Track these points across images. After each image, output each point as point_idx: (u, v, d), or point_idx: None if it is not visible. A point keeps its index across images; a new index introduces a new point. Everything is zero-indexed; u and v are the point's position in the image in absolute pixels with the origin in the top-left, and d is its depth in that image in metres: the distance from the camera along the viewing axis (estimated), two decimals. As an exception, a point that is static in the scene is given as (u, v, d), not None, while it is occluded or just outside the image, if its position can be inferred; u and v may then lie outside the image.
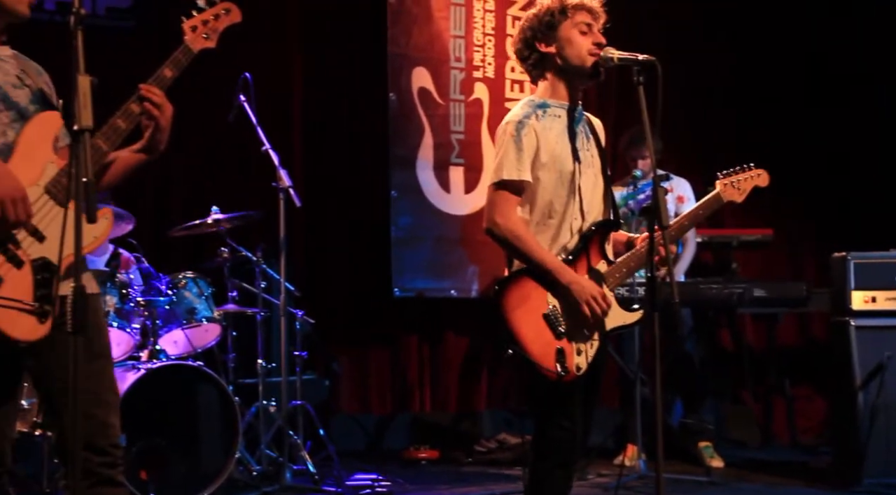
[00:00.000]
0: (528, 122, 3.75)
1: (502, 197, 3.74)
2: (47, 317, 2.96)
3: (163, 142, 3.28)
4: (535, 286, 3.69)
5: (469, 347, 7.81)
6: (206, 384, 5.58)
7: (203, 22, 3.43)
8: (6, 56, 3.20)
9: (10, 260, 2.94)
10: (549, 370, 3.59)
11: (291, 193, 5.83)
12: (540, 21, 3.83)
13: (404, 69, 7.43)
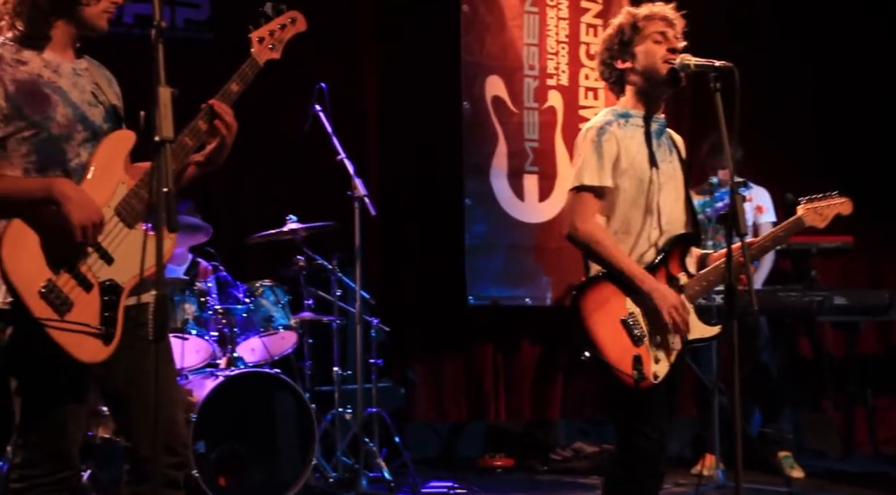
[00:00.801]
0: (610, 129, 3.74)
1: (582, 201, 3.73)
2: (111, 340, 3.03)
3: (223, 158, 3.33)
4: (615, 291, 3.67)
5: (544, 355, 7.77)
6: (283, 391, 5.63)
7: (270, 33, 3.48)
8: (81, 69, 3.24)
9: (80, 283, 3.00)
10: (626, 374, 3.57)
11: (366, 202, 5.87)
12: (614, 41, 3.84)
13: (478, 77, 7.43)
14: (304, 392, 5.74)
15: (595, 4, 7.68)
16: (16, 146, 3.05)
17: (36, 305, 2.92)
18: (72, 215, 2.95)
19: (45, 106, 3.07)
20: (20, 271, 2.92)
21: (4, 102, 3.04)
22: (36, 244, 2.96)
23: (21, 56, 3.11)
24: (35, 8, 3.11)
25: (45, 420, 3.07)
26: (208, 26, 7.07)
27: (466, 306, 7.41)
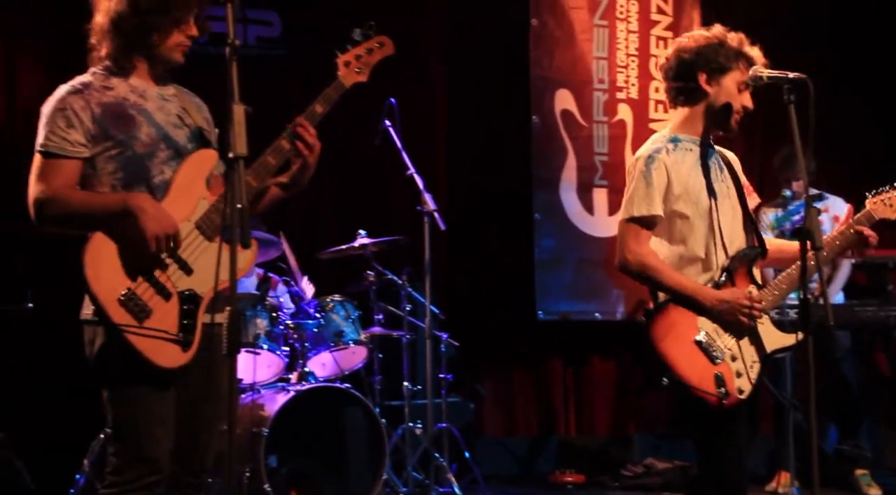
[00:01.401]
0: (658, 157, 3.71)
1: (632, 232, 3.73)
2: (190, 346, 3.16)
3: (306, 179, 3.44)
4: (683, 313, 3.65)
5: (615, 370, 7.72)
6: (353, 406, 5.65)
7: (356, 57, 3.57)
8: (169, 95, 3.40)
9: (159, 292, 3.15)
10: (710, 394, 3.53)
11: (436, 217, 5.88)
12: (713, 52, 3.73)
13: (547, 91, 7.42)
14: (374, 407, 5.76)
15: (665, 17, 7.65)
16: (103, 164, 3.23)
17: (115, 312, 3.07)
18: (147, 227, 3.09)
19: (129, 126, 3.25)
20: (101, 280, 3.09)
21: (92, 124, 3.21)
22: (116, 255, 3.12)
23: (109, 83, 3.30)
24: (115, 43, 3.29)
25: (134, 426, 3.18)
26: (280, 43, 7.14)
27: (536, 321, 7.39)
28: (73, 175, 3.21)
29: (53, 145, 3.19)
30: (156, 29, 3.27)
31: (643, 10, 7.63)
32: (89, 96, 3.24)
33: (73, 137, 3.20)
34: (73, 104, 3.22)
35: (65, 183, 3.19)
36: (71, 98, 3.23)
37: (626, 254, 3.72)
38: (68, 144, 3.19)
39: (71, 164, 3.20)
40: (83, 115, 3.21)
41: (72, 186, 3.21)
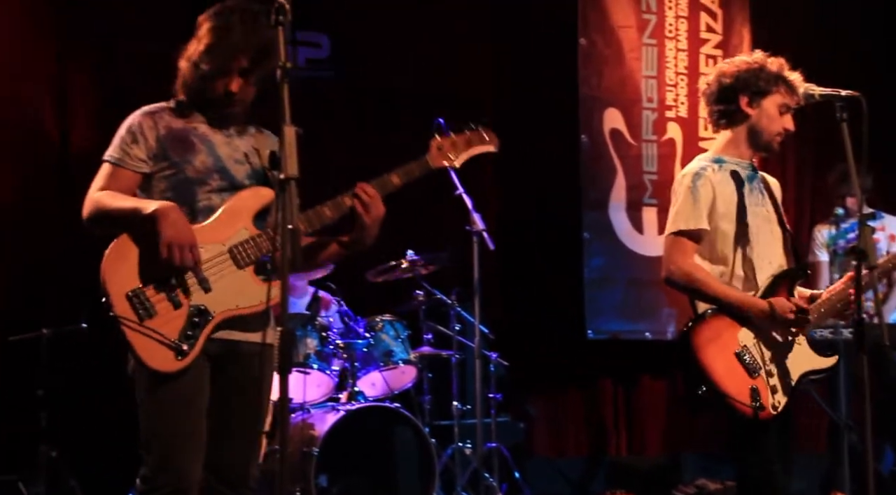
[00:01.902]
0: (705, 174, 3.78)
1: (678, 245, 3.78)
2: (185, 356, 3.20)
3: (368, 240, 3.48)
4: (726, 325, 3.70)
5: (665, 390, 7.67)
6: (403, 425, 5.66)
7: (452, 144, 3.68)
8: (246, 134, 3.51)
9: (170, 299, 3.23)
10: (745, 405, 3.55)
11: (485, 236, 5.87)
12: (753, 76, 3.81)
13: (596, 110, 7.41)
14: (423, 426, 5.76)
15: (715, 35, 7.62)
16: (157, 182, 3.38)
17: (119, 304, 3.18)
18: (163, 232, 3.17)
19: (187, 151, 3.38)
20: (115, 276, 3.20)
21: (154, 144, 3.37)
22: (136, 257, 3.23)
23: (185, 112, 3.46)
24: (196, 80, 3.40)
25: (159, 437, 3.25)
26: (328, 64, 7.19)
27: (586, 340, 7.36)
28: (127, 184, 3.36)
29: (116, 156, 3.37)
30: (219, 78, 3.36)
31: (692, 28, 7.61)
32: (159, 118, 3.41)
33: (134, 152, 3.36)
34: (143, 123, 3.39)
35: (118, 189, 3.34)
36: (142, 117, 3.41)
37: (672, 266, 3.77)
38: (128, 157, 3.36)
39: (127, 174, 3.36)
40: (149, 133, 3.37)
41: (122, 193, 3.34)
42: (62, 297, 6.14)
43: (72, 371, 6.10)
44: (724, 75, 3.90)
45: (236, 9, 3.38)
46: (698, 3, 7.64)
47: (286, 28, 2.84)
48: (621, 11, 7.46)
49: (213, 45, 3.34)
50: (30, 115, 6.44)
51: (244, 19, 3.33)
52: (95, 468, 6.08)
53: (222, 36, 3.34)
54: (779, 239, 3.87)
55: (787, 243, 3.89)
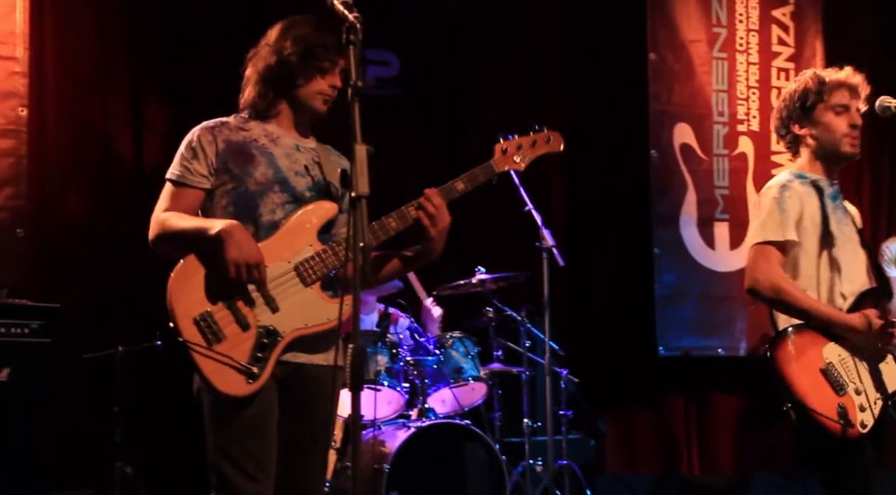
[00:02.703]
0: (792, 186, 3.74)
1: (764, 254, 3.72)
2: (256, 379, 3.16)
3: (434, 251, 3.44)
4: (809, 341, 3.63)
5: (739, 407, 7.57)
6: (473, 442, 5.64)
7: (517, 147, 3.61)
8: (306, 147, 3.48)
9: (237, 321, 3.19)
10: (834, 420, 3.47)
11: (555, 253, 5.85)
12: (795, 103, 3.85)
13: (666, 125, 7.37)
14: (494, 443, 5.74)
15: (787, 48, 7.55)
16: (219, 198, 3.36)
17: (187, 329, 3.14)
18: (228, 252, 3.14)
19: (247, 163, 3.35)
20: (182, 300, 3.17)
21: (215, 158, 3.36)
22: (202, 278, 3.20)
23: (246, 125, 3.44)
24: (259, 89, 3.43)
25: (226, 461, 3.22)
26: (398, 83, 7.23)
27: (657, 356, 7.30)
28: (192, 203, 3.34)
29: (177, 174, 3.35)
30: (298, 74, 3.38)
31: (764, 41, 7.54)
32: (218, 133, 3.39)
33: (196, 168, 3.34)
34: (202, 138, 3.37)
35: (182, 209, 3.32)
36: (201, 132, 3.39)
37: (758, 274, 3.70)
38: (189, 174, 3.33)
39: (191, 193, 3.34)
40: (208, 148, 3.35)
41: (186, 212, 3.32)
42: (137, 315, 6.22)
43: (146, 387, 6.19)
44: (777, 111, 3.94)
45: (312, 23, 3.40)
46: (770, 16, 7.57)
47: (357, 47, 2.86)
48: (691, 26, 7.42)
49: (292, 56, 3.35)
50: (103, 135, 6.54)
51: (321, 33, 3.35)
52: (169, 484, 6.15)
53: (303, 49, 3.35)
54: (862, 260, 3.82)
55: (870, 265, 3.85)
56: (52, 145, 6.33)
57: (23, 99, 5.98)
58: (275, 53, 3.39)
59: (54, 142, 6.35)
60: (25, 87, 5.99)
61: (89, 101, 6.51)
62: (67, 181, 6.41)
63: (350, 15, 2.86)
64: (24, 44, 5.99)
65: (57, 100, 6.37)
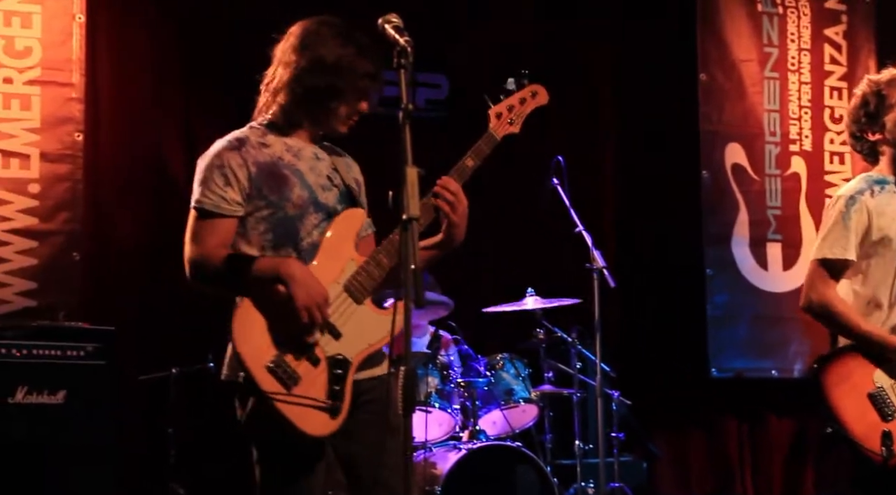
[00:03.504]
0: (861, 198, 3.64)
1: (821, 274, 3.66)
2: (339, 413, 3.07)
3: (457, 237, 3.31)
4: (861, 363, 3.57)
5: (793, 429, 7.49)
6: (524, 464, 5.62)
7: (508, 108, 3.50)
8: (323, 155, 3.38)
9: (307, 358, 3.09)
10: (873, 452, 3.42)
11: (605, 274, 5.83)
12: (859, 112, 3.78)
13: (717, 145, 7.34)
14: (545, 465, 5.72)
15: (839, 67, 7.49)
16: (255, 224, 3.22)
17: (263, 379, 3.02)
18: (297, 296, 3.03)
19: (282, 186, 3.22)
20: (249, 346, 3.04)
21: (247, 183, 3.20)
22: (265, 321, 3.07)
23: (265, 140, 3.30)
24: (294, 99, 3.30)
25: (283, 489, 3.17)
26: (447, 105, 7.25)
27: (709, 378, 7.25)
28: (228, 234, 3.19)
29: (210, 203, 3.18)
30: (338, 95, 3.27)
31: (816, 60, 7.49)
32: (246, 154, 3.23)
33: (230, 196, 3.18)
34: (231, 161, 3.21)
35: (220, 242, 3.17)
36: (229, 154, 3.22)
37: (812, 295, 3.66)
38: (225, 203, 3.18)
39: (226, 223, 3.18)
40: (240, 173, 3.20)
41: (225, 246, 3.18)
42: (190, 336, 6.28)
43: (200, 409, 6.23)
44: (847, 127, 3.89)
45: (353, 42, 3.29)
46: (822, 35, 7.52)
47: (408, 70, 2.87)
48: (742, 45, 7.39)
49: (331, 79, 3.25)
50: (157, 159, 6.61)
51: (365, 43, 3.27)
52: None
53: (346, 73, 3.25)
54: None
55: None
56: (106, 169, 6.42)
57: (79, 124, 6.06)
58: (315, 62, 3.26)
59: (109, 167, 6.43)
60: (81, 113, 6.07)
61: (144, 126, 6.60)
62: (122, 205, 6.49)
63: (401, 39, 2.87)
64: (81, 70, 6.08)
65: (112, 125, 6.46)
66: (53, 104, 6.00)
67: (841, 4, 7.58)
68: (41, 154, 5.96)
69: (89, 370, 5.25)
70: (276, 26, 3.21)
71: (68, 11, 6.06)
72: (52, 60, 6.02)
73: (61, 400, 5.15)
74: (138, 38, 6.59)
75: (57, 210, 5.97)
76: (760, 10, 7.44)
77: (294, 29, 3.38)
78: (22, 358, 5.15)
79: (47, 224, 5.94)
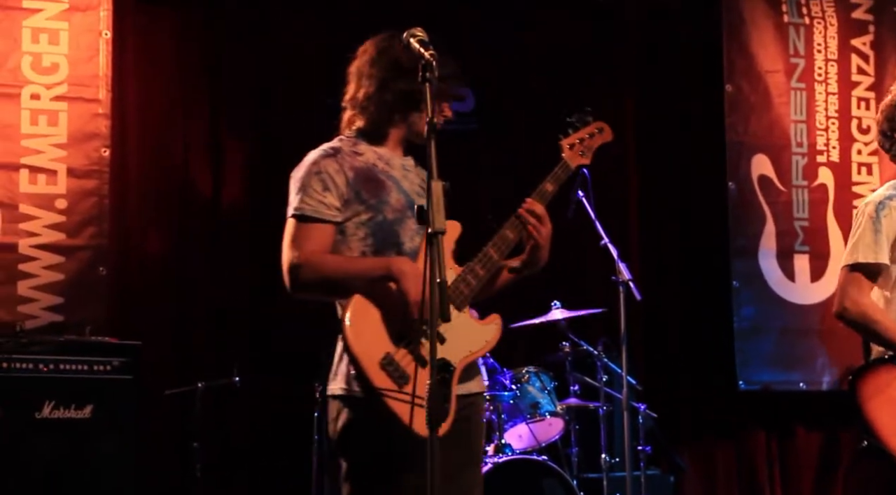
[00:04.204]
0: (891, 203, 3.62)
1: (854, 280, 3.62)
2: (446, 416, 3.04)
3: (542, 259, 3.40)
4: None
5: (822, 443, 7.43)
6: (551, 478, 5.61)
7: (580, 140, 3.59)
8: (409, 165, 3.43)
9: (415, 359, 3.09)
10: None
11: (632, 287, 5.81)
12: (895, 111, 3.71)
13: (743, 156, 7.30)
14: (571, 479, 5.70)
15: (867, 77, 7.44)
16: (354, 230, 3.23)
17: (376, 376, 3.02)
18: (410, 291, 3.04)
19: (380, 191, 3.25)
20: (362, 344, 3.04)
21: (345, 188, 3.22)
22: (376, 319, 3.08)
23: (357, 148, 3.33)
24: (382, 107, 3.33)
25: None
26: (474, 117, 7.25)
27: (736, 391, 7.20)
28: (327, 240, 3.19)
29: (310, 209, 3.18)
30: (421, 102, 3.20)
31: (843, 71, 7.44)
32: (342, 160, 3.25)
33: (329, 201, 3.19)
34: (328, 167, 3.22)
35: (319, 247, 3.17)
36: (325, 161, 3.24)
37: (846, 302, 3.62)
38: (324, 208, 3.18)
39: (326, 229, 3.19)
40: (338, 178, 3.21)
41: (325, 251, 3.18)
42: (216, 350, 6.30)
43: (226, 424, 6.25)
44: (879, 123, 3.83)
45: None
46: (849, 45, 7.48)
47: (433, 84, 2.87)
48: (768, 56, 7.35)
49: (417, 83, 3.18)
50: (183, 175, 6.66)
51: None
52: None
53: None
54: None
55: None
56: (133, 185, 6.46)
57: (105, 140, 6.09)
58: (393, 79, 3.29)
59: (135, 182, 6.47)
60: (108, 129, 6.10)
61: (170, 142, 6.64)
62: (148, 220, 6.52)
63: (426, 53, 2.88)
64: (107, 86, 6.11)
65: (138, 140, 6.50)
66: (80, 120, 6.04)
67: (868, 14, 7.53)
68: (68, 169, 5.99)
69: (116, 385, 5.28)
70: (301, 39, 3.27)
71: (95, 28, 6.10)
72: (78, 76, 6.06)
73: (88, 415, 5.17)
74: (164, 54, 6.64)
75: (84, 225, 6.00)
76: (787, 20, 7.40)
77: (368, 45, 3.41)
78: (49, 372, 5.19)
79: (74, 239, 5.97)
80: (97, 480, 5.11)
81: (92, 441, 5.14)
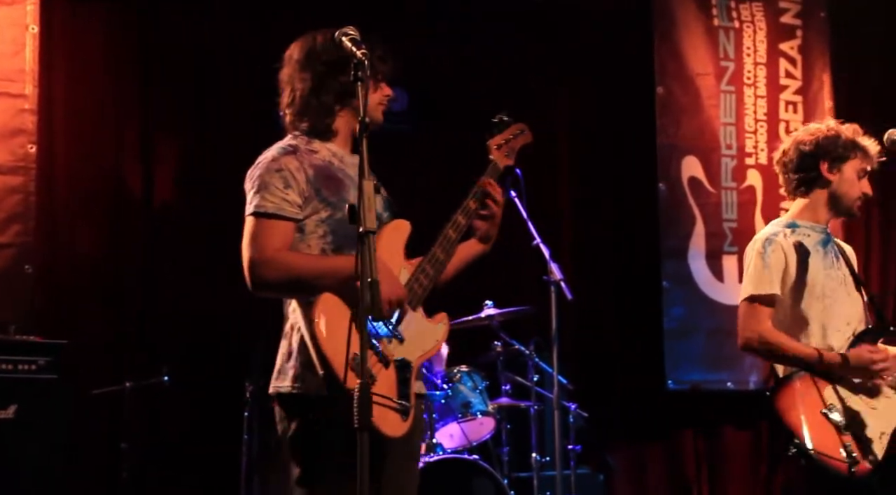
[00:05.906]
0: (776, 240, 3.89)
1: (752, 310, 3.85)
2: (408, 415, 3.07)
3: (494, 236, 3.55)
4: (808, 385, 3.71)
5: (749, 441, 7.53)
6: (482, 478, 5.62)
7: (505, 141, 3.65)
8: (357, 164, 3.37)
9: (380, 359, 3.07)
10: (838, 460, 3.52)
11: (563, 286, 5.83)
12: (832, 143, 3.90)
13: (674, 158, 7.38)
14: (502, 478, 5.71)
15: (794, 81, 7.56)
16: (314, 228, 3.20)
17: (349, 376, 2.94)
18: (382, 290, 2.94)
19: (340, 189, 3.23)
20: (331, 344, 2.97)
21: (306, 186, 3.18)
22: (344, 318, 2.95)
23: (312, 147, 3.30)
24: (320, 105, 3.30)
25: None
26: (406, 117, 7.24)
27: (666, 391, 7.27)
28: (288, 237, 3.14)
29: (272, 206, 3.13)
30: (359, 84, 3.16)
31: (771, 74, 7.56)
32: (301, 158, 3.21)
33: (291, 198, 3.15)
34: (289, 164, 3.18)
35: (282, 245, 3.12)
36: (285, 158, 3.19)
37: (748, 333, 3.84)
38: (287, 205, 3.14)
39: (287, 226, 3.14)
40: (298, 175, 3.17)
41: (287, 250, 3.14)
42: (145, 350, 6.23)
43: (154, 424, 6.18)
44: (802, 143, 3.97)
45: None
46: (777, 50, 7.59)
47: (365, 83, 2.87)
48: (699, 59, 7.44)
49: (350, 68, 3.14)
50: (113, 170, 6.56)
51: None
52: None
53: None
54: (857, 301, 3.89)
55: (870, 306, 3.91)
56: (61, 181, 6.36)
57: (31, 136, 5.99)
58: (329, 66, 3.26)
59: (64, 179, 6.37)
60: (34, 124, 6.01)
61: (99, 138, 6.54)
62: (77, 217, 6.42)
63: (358, 51, 2.88)
64: (34, 81, 6.01)
65: (66, 136, 6.40)
66: (5, 115, 5.94)
67: (796, 19, 7.65)
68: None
69: (41, 384, 5.20)
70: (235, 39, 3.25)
71: (22, 22, 5.99)
72: (4, 71, 5.96)
73: (12, 415, 5.08)
74: (94, 49, 6.54)
75: (9, 222, 5.89)
76: (717, 24, 7.50)
77: (293, 49, 3.38)
78: (-28, 372, 5.09)
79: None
80: (20, 482, 5.03)
81: (16, 441, 5.06)
